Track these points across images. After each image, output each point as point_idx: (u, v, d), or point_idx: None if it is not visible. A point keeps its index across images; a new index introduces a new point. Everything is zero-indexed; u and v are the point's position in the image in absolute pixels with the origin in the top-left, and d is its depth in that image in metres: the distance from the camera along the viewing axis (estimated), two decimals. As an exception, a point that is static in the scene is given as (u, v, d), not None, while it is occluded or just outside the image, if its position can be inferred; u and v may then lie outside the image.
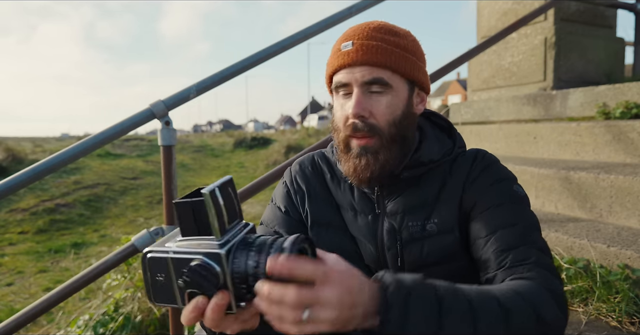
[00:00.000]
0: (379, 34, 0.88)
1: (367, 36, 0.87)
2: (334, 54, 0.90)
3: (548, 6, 2.93)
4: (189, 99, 1.77)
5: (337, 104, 0.92)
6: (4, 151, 11.07)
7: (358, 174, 0.88)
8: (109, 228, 7.94)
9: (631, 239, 1.64)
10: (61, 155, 1.58)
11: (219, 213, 0.59)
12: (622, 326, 1.38)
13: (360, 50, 0.86)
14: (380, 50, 0.85)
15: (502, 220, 0.84)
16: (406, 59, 0.88)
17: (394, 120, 0.87)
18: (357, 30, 0.89)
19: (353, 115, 0.86)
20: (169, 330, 2.27)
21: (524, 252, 0.78)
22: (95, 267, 1.67)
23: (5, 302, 4.62)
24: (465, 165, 0.93)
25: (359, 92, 0.86)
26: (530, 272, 0.75)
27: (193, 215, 0.60)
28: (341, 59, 0.87)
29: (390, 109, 0.87)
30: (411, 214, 0.91)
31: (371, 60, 0.85)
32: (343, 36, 0.91)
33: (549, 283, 0.73)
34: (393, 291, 0.59)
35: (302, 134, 18.87)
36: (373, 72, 0.85)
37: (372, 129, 0.86)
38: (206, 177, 12.89)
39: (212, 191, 0.58)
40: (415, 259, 0.90)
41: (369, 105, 0.86)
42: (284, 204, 1.02)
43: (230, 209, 0.61)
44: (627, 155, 2.21)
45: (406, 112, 0.90)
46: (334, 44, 0.93)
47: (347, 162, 0.90)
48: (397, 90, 0.88)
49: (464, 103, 3.65)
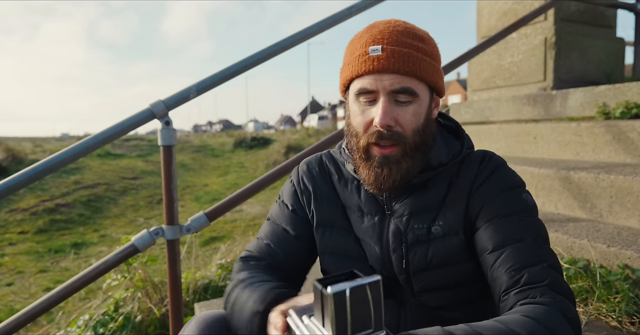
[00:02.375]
0: (407, 39, 0.85)
1: (396, 41, 0.84)
2: (359, 57, 0.86)
3: (548, 6, 2.93)
4: (189, 99, 1.77)
5: (356, 108, 0.88)
6: (4, 151, 11.07)
7: (380, 183, 0.87)
8: (109, 228, 7.94)
9: (631, 239, 1.64)
10: (61, 155, 1.58)
11: (340, 320, 0.53)
12: (622, 326, 1.38)
13: (391, 57, 0.82)
14: (411, 59, 0.83)
15: (513, 233, 0.82)
16: (431, 67, 0.86)
17: (418, 129, 0.86)
18: (384, 33, 0.85)
19: (381, 125, 0.83)
20: (169, 330, 2.27)
21: (539, 273, 0.77)
22: (95, 267, 1.67)
23: (5, 302, 4.62)
24: (472, 168, 0.92)
25: (386, 100, 0.84)
26: (545, 297, 0.74)
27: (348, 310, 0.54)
28: (369, 64, 0.84)
29: (415, 118, 0.86)
30: (417, 216, 0.91)
31: (402, 69, 0.82)
32: (367, 37, 0.87)
33: (565, 309, 0.72)
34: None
35: (302, 134, 18.87)
36: (402, 81, 0.83)
37: (398, 138, 0.85)
38: (206, 177, 12.89)
39: (336, 293, 0.52)
40: (420, 261, 0.90)
41: (396, 114, 0.84)
42: (291, 202, 1.02)
43: (361, 319, 0.55)
44: (627, 155, 2.21)
45: (428, 119, 0.89)
46: (353, 42, 0.90)
47: (367, 170, 0.88)
48: (422, 98, 0.86)
49: (464, 103, 3.65)
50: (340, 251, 0.97)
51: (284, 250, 0.98)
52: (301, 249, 0.99)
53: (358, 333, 0.55)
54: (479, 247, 0.86)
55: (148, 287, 2.64)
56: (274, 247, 0.98)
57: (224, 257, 3.50)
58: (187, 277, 2.85)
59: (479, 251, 0.86)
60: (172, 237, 1.74)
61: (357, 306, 0.54)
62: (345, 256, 0.97)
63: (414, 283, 0.91)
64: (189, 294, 2.72)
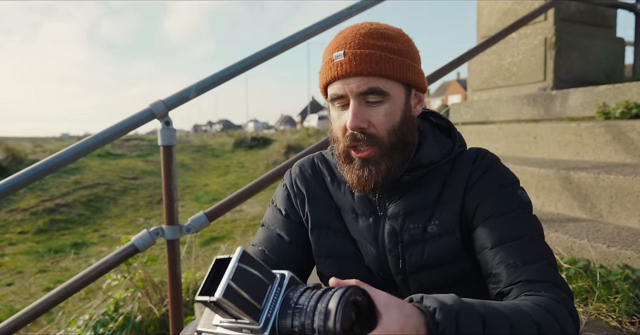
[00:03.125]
0: (370, 41, 0.84)
1: (358, 44, 0.84)
2: (326, 65, 0.87)
3: (548, 6, 2.93)
4: (189, 99, 1.77)
5: (334, 114, 0.89)
6: (4, 151, 11.08)
7: (363, 185, 0.87)
8: (109, 228, 7.94)
9: (631, 239, 1.64)
10: (61, 155, 1.58)
11: (243, 306, 0.56)
12: (622, 326, 1.38)
13: (353, 60, 0.83)
14: (373, 59, 0.82)
15: (511, 231, 0.83)
16: (400, 63, 0.85)
17: (393, 128, 0.86)
18: (347, 38, 0.86)
19: (352, 127, 0.83)
20: (169, 330, 2.27)
21: (540, 270, 0.79)
22: (95, 267, 1.67)
23: (5, 302, 4.62)
24: (467, 165, 0.92)
25: (355, 103, 0.84)
26: (550, 293, 0.76)
27: (223, 309, 0.57)
28: (334, 70, 0.85)
29: (388, 118, 0.85)
30: (412, 216, 0.91)
31: (365, 71, 0.82)
32: (333, 44, 0.88)
33: (569, 305, 0.75)
34: (441, 314, 0.62)
35: (302, 134, 18.87)
36: (368, 82, 0.83)
37: (372, 139, 0.85)
38: (206, 177, 12.89)
39: (225, 292, 0.54)
40: (416, 261, 0.90)
41: (367, 115, 0.84)
42: (285, 207, 1.02)
43: (256, 287, 0.58)
44: (627, 155, 2.21)
45: (405, 117, 0.88)
46: (325, 50, 0.90)
47: (350, 174, 0.89)
48: (394, 97, 0.85)
49: (464, 103, 3.65)
50: (336, 253, 0.97)
51: (279, 256, 0.97)
52: (296, 254, 0.99)
53: (261, 298, 0.58)
54: (477, 245, 0.86)
55: (148, 287, 2.64)
56: (268, 253, 0.98)
57: (224, 257, 3.49)
58: (187, 277, 2.85)
59: (477, 249, 0.86)
60: (172, 237, 1.74)
61: (246, 283, 0.57)
62: (341, 258, 0.97)
63: (410, 283, 0.91)
64: (189, 294, 2.72)
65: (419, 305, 0.64)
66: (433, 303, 0.63)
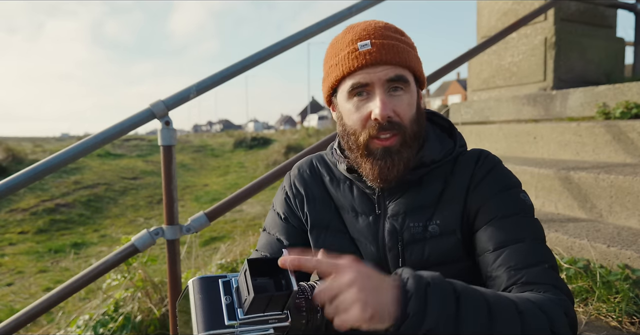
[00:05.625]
0: (390, 33, 0.88)
1: (382, 35, 0.87)
2: (348, 55, 0.87)
3: (548, 6, 2.93)
4: (189, 99, 1.77)
5: (350, 106, 0.88)
6: (4, 151, 11.07)
7: (385, 175, 0.87)
8: (109, 228, 7.94)
9: (631, 239, 1.64)
10: (61, 155, 1.58)
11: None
12: (622, 326, 1.38)
13: (382, 49, 0.85)
14: (399, 50, 0.86)
15: (513, 233, 0.83)
16: (415, 57, 0.89)
17: (414, 118, 0.88)
18: (369, 30, 0.88)
19: (381, 116, 0.83)
20: (169, 330, 2.27)
21: (541, 273, 0.79)
22: (95, 267, 1.67)
23: (5, 302, 4.62)
24: (468, 166, 0.92)
25: (382, 92, 0.85)
26: (549, 294, 0.76)
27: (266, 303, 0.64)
28: (361, 58, 0.85)
29: (410, 107, 0.88)
30: (413, 215, 0.91)
31: (394, 60, 0.85)
32: (352, 36, 0.88)
33: (566, 307, 0.74)
34: (412, 282, 0.62)
35: (302, 134, 18.86)
36: (395, 70, 0.85)
37: (398, 127, 0.86)
38: (206, 177, 12.89)
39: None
40: (416, 260, 0.90)
41: (393, 104, 0.85)
42: (283, 211, 1.03)
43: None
44: (627, 155, 2.21)
45: (419, 109, 0.91)
46: (336, 44, 0.91)
47: (371, 165, 0.88)
48: (412, 88, 0.88)
49: (464, 103, 3.65)
50: (335, 252, 0.97)
51: None
52: None
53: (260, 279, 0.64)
54: (478, 247, 0.86)
55: (148, 287, 2.64)
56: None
57: (224, 257, 3.50)
58: (187, 277, 2.85)
59: (478, 251, 0.86)
60: (172, 237, 1.74)
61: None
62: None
63: None
64: (188, 294, 2.71)
65: (394, 277, 0.65)
66: (407, 273, 0.64)
